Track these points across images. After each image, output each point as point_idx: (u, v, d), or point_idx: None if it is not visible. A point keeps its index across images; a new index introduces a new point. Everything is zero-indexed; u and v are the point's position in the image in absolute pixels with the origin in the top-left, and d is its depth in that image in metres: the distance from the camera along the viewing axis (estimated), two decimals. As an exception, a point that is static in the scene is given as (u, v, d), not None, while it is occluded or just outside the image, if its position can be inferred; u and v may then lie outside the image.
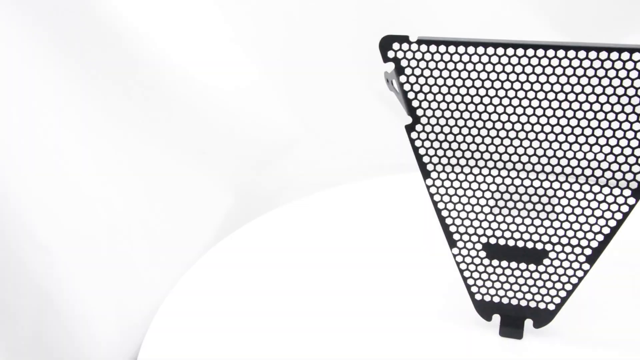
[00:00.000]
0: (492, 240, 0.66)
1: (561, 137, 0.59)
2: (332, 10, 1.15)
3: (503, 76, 0.59)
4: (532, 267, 0.66)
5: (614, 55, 0.54)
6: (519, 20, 1.14)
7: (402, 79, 0.61)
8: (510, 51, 0.57)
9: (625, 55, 0.54)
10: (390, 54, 0.60)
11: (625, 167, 0.58)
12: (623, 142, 0.57)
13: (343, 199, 1.06)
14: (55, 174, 0.88)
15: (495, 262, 0.67)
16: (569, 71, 0.57)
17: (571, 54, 0.56)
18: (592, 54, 0.55)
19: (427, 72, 0.60)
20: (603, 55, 0.55)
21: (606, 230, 0.62)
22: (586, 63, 0.56)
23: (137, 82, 0.99)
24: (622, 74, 0.55)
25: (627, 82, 0.55)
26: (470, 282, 0.69)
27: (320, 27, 1.16)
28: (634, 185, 0.59)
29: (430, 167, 0.64)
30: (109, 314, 0.91)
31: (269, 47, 1.14)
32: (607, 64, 0.55)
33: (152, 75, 1.00)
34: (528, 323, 0.69)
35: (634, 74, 0.55)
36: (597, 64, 0.55)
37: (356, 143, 1.24)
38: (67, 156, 0.90)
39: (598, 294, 0.74)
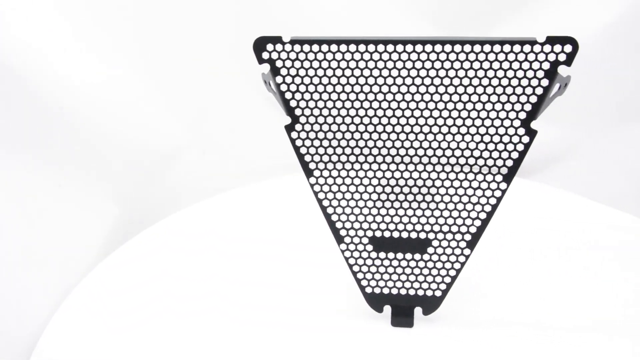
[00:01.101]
0: (378, 233, 0.67)
1: (435, 129, 0.61)
2: (211, 12, 1.13)
3: (376, 72, 0.59)
4: (417, 256, 0.67)
5: (478, 47, 0.56)
6: (392, 16, 1.16)
7: (279, 79, 0.60)
8: (381, 47, 0.58)
9: (491, 48, 0.56)
10: (265, 55, 0.59)
11: (495, 154, 0.61)
12: (492, 130, 0.60)
13: (235, 203, 1.05)
14: None
15: (382, 255, 0.68)
16: (437, 64, 0.58)
17: (438, 48, 0.57)
18: (457, 47, 0.57)
19: (302, 72, 0.60)
20: (467, 48, 0.57)
21: (482, 216, 0.64)
22: (452, 56, 0.57)
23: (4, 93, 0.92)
24: (486, 65, 0.57)
25: (490, 73, 0.57)
26: (360, 276, 0.70)
27: (203, 32, 1.14)
28: (504, 170, 0.61)
29: (312, 165, 0.65)
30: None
31: (151, 56, 1.11)
32: (472, 57, 0.57)
33: (23, 87, 0.94)
34: (418, 311, 0.71)
35: (496, 65, 0.57)
36: (462, 56, 0.57)
37: (246, 146, 1.23)
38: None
39: (479, 278, 0.78)
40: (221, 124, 1.21)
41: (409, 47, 0.58)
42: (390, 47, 0.58)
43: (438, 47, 0.57)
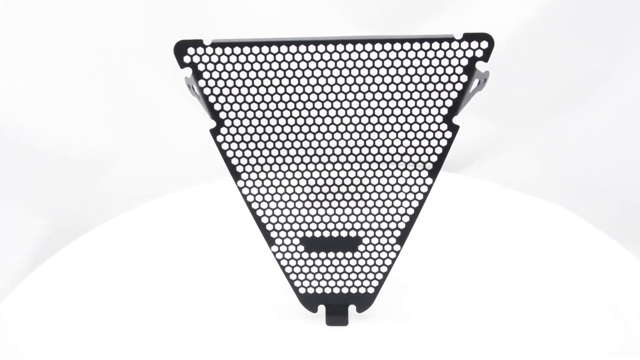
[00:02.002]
0: (309, 234, 0.67)
1: (360, 127, 0.61)
2: (140, 16, 1.11)
3: (298, 73, 0.59)
4: (348, 254, 0.68)
5: (398, 45, 0.57)
6: (317, 15, 1.17)
7: (201, 83, 0.60)
8: (302, 48, 0.58)
9: (411, 46, 0.57)
10: (187, 59, 0.58)
11: (420, 150, 0.61)
12: (415, 127, 0.60)
13: (167, 210, 1.02)
14: None
15: (313, 255, 0.68)
16: (359, 63, 0.59)
17: (359, 47, 0.57)
18: (378, 46, 0.57)
19: (225, 75, 0.59)
20: (388, 46, 0.57)
21: (410, 211, 0.65)
22: (374, 55, 0.58)
23: None
24: (407, 63, 0.58)
25: (411, 71, 0.58)
26: (293, 277, 0.70)
27: (130, 36, 1.12)
28: (429, 166, 0.62)
29: (239, 168, 0.64)
30: None
31: (74, 62, 1.08)
32: (392, 55, 0.58)
33: None
34: (352, 309, 0.71)
35: (417, 63, 0.58)
36: (383, 55, 0.58)
37: (178, 151, 1.21)
38: None
39: (411, 273, 0.79)
40: (151, 129, 1.19)
41: (330, 47, 0.58)
42: (311, 48, 0.58)
43: (359, 46, 0.58)
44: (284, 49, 0.58)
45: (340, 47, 0.58)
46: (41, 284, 0.83)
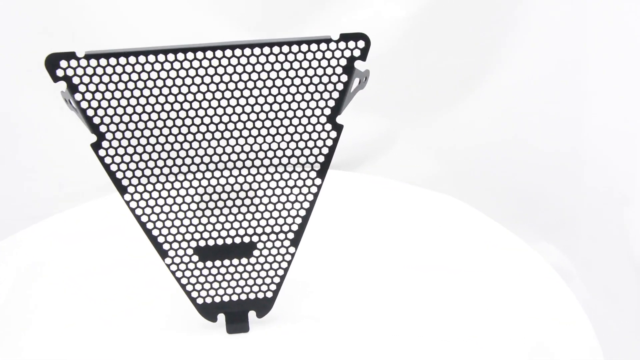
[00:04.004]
0: (202, 243, 0.66)
1: (245, 132, 0.61)
2: (28, 26, 1.07)
3: (178, 81, 0.58)
4: (244, 260, 0.67)
5: (277, 49, 0.58)
6: (205, 22, 1.16)
7: (78, 97, 0.57)
8: (180, 56, 0.57)
9: (290, 48, 0.58)
10: (60, 73, 0.56)
11: (306, 151, 0.62)
12: (300, 129, 0.61)
13: (53, 232, 0.97)
14: None
15: (209, 264, 0.67)
16: (240, 68, 0.58)
17: (238, 52, 0.57)
18: (257, 50, 0.58)
19: (102, 87, 0.58)
20: (266, 50, 0.58)
21: (302, 213, 0.65)
22: (253, 59, 0.58)
23: None
24: (287, 65, 0.58)
25: (292, 73, 0.59)
26: (189, 287, 0.68)
27: (7, 46, 1.07)
28: (317, 166, 0.63)
29: (125, 182, 0.62)
30: None
31: None
32: (272, 58, 0.58)
33: None
34: (252, 315, 0.71)
35: (297, 65, 0.58)
36: (263, 59, 0.58)
37: (59, 168, 1.17)
38: None
39: (308, 275, 0.80)
40: (32, 146, 1.14)
41: (209, 54, 0.57)
42: (190, 55, 0.57)
43: (238, 52, 0.57)
44: (161, 57, 0.57)
45: (219, 53, 0.57)
46: None
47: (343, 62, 0.58)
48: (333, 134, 0.62)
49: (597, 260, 1.00)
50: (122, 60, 0.57)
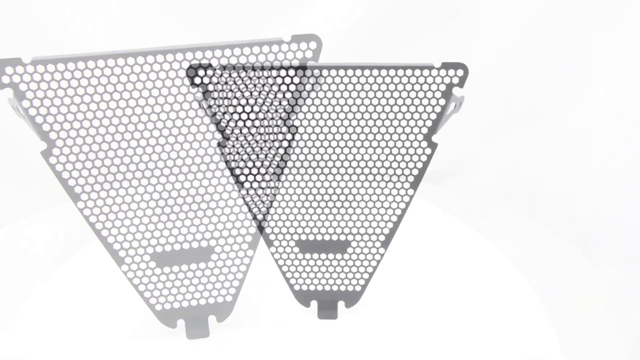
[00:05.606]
0: (159, 249, 0.68)
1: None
2: None
3: (130, 86, 0.59)
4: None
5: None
6: (153, 24, 1.20)
7: (25, 104, 0.58)
8: (130, 60, 0.58)
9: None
10: (6, 80, 0.57)
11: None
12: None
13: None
14: None
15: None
16: (182, 73, 0.61)
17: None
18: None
19: (51, 93, 0.58)
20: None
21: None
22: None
23: None
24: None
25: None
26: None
27: None
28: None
29: (78, 189, 0.63)
30: None
31: None
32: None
33: None
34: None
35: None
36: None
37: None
38: None
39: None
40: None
41: (160, 58, 0.59)
42: (140, 59, 0.58)
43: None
44: (111, 62, 0.57)
45: (160, 58, 0.59)
46: None
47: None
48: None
49: (553, 253, 0.98)
50: (71, 65, 0.57)
